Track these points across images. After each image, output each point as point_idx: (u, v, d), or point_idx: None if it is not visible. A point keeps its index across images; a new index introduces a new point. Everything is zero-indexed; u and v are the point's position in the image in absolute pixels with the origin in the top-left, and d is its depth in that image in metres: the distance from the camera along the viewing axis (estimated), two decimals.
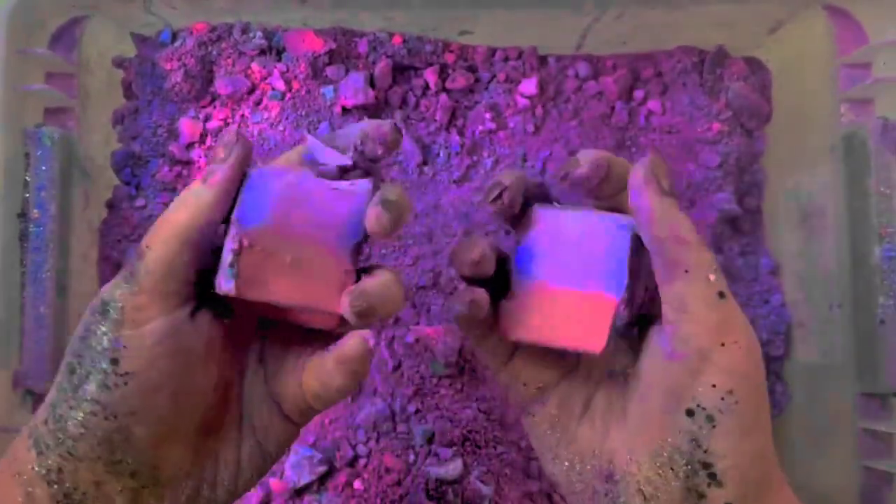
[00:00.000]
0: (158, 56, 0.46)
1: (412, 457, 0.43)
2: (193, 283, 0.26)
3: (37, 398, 0.40)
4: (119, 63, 0.46)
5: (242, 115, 0.46)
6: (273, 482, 0.43)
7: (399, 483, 0.42)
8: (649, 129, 0.47)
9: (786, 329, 0.46)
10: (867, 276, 0.40)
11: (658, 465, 0.25)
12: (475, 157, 0.47)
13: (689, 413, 0.25)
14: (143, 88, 0.46)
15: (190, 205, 0.25)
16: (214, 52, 0.46)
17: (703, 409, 0.25)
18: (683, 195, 0.48)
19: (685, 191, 0.48)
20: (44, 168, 0.41)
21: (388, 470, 0.42)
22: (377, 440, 0.43)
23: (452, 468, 0.42)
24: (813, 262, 0.45)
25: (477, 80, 0.47)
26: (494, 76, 0.47)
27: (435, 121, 0.46)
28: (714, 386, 0.25)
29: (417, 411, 0.43)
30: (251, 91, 0.46)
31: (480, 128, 0.46)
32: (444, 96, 0.46)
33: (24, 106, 0.41)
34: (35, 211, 0.41)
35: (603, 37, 0.47)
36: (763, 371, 0.26)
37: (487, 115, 0.46)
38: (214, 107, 0.46)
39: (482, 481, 0.42)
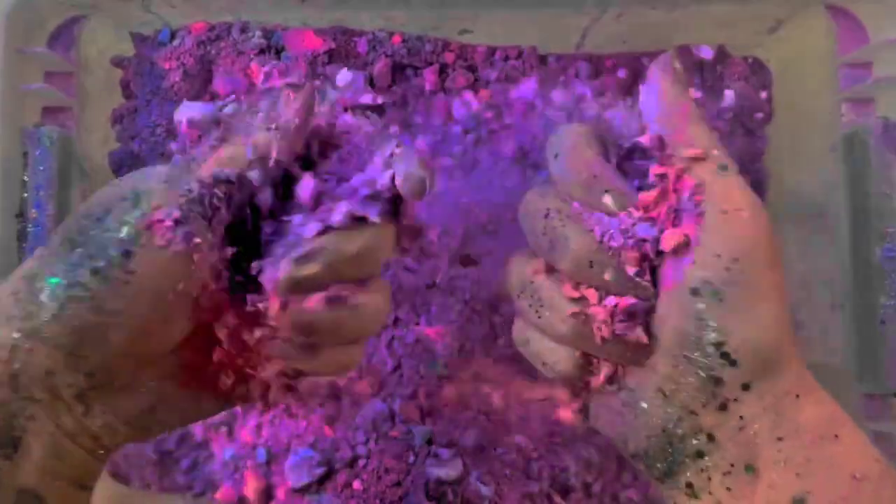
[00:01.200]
0: (157, 55, 0.45)
1: (412, 458, 0.43)
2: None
3: None
4: (118, 63, 0.46)
5: None
6: (274, 482, 0.43)
7: (399, 484, 0.42)
8: None
9: None
10: (868, 276, 0.40)
11: (672, 357, 0.24)
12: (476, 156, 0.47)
13: (694, 292, 0.24)
14: (141, 88, 0.46)
15: (256, 147, 0.25)
16: (213, 52, 0.46)
17: (709, 283, 0.23)
18: None
19: None
20: (42, 168, 0.41)
21: (387, 470, 0.42)
22: (376, 441, 0.43)
23: (452, 469, 0.42)
24: (814, 263, 0.44)
25: (476, 80, 0.47)
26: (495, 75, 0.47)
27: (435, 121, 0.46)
28: (718, 256, 0.23)
29: (417, 412, 0.43)
30: (250, 90, 0.46)
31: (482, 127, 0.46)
32: (441, 95, 0.46)
33: (22, 105, 0.41)
34: (33, 211, 0.40)
35: (603, 36, 0.47)
36: (771, 239, 0.24)
37: (488, 115, 0.46)
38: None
39: (482, 482, 0.42)
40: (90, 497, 0.25)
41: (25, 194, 0.41)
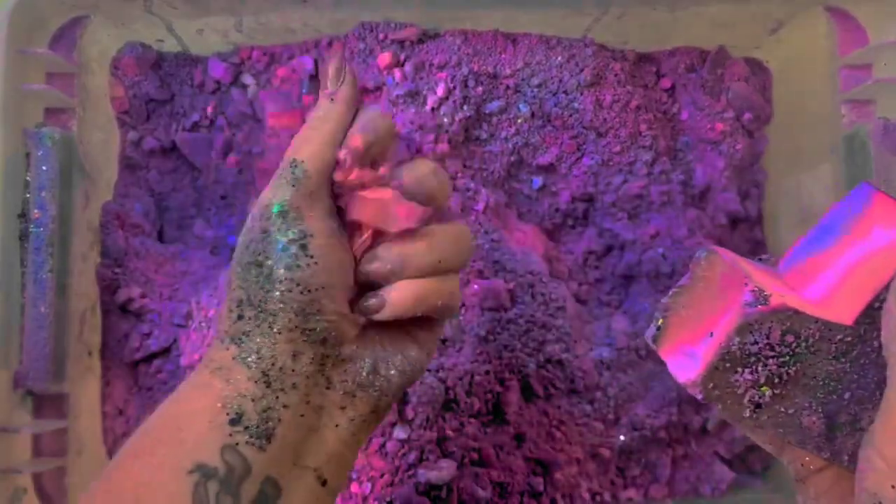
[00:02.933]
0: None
1: (411, 459, 0.43)
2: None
3: (37, 398, 0.40)
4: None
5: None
6: None
7: (392, 485, 0.42)
8: None
9: None
10: None
11: None
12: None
13: None
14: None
15: (329, 118, 0.30)
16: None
17: None
18: (693, 196, 0.48)
19: (694, 191, 0.48)
20: (44, 168, 0.41)
21: (382, 473, 0.42)
22: (374, 442, 0.43)
23: (446, 471, 0.42)
24: None
25: None
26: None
27: None
28: None
29: (416, 416, 0.43)
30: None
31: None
32: None
33: (24, 106, 0.41)
34: (35, 211, 0.40)
35: (604, 36, 0.47)
36: None
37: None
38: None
39: (479, 486, 0.42)
40: (332, 500, 0.29)
41: (28, 194, 0.41)
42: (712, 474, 0.46)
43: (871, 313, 0.27)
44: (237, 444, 0.26)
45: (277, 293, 0.27)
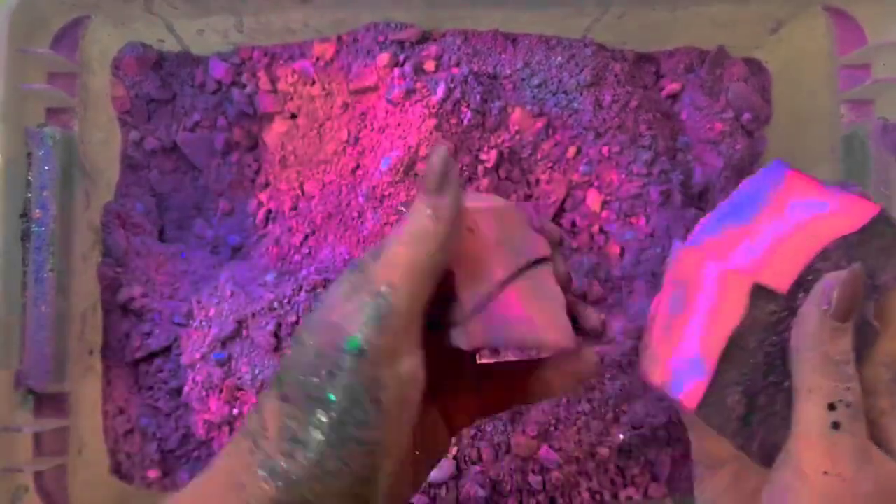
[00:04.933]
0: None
1: None
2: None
3: (38, 397, 0.41)
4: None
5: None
6: None
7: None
8: None
9: None
10: None
11: None
12: None
13: None
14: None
15: (428, 239, 0.24)
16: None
17: None
18: (693, 196, 0.48)
19: (693, 191, 0.48)
20: (46, 168, 0.41)
21: None
22: None
23: (446, 470, 0.42)
24: None
25: None
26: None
27: None
28: None
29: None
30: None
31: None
32: None
33: (25, 106, 0.41)
34: (37, 211, 0.41)
35: (604, 36, 0.47)
36: None
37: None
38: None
39: (479, 485, 0.42)
40: None
41: (29, 194, 0.41)
42: None
43: (806, 283, 0.26)
44: None
45: (344, 451, 0.23)
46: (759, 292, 0.26)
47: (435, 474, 0.42)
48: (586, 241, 0.49)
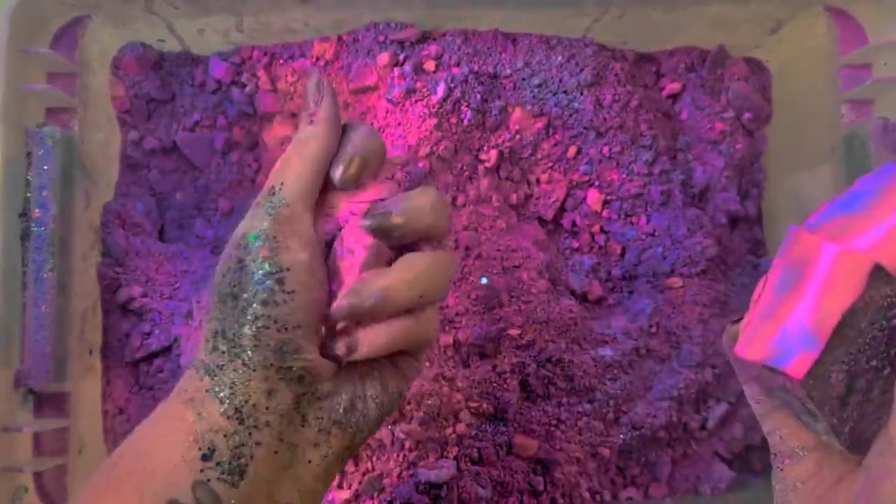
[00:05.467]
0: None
1: (411, 458, 0.43)
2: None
3: (38, 397, 0.41)
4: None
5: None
6: None
7: (394, 486, 0.42)
8: None
9: None
10: None
11: None
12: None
13: None
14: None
15: (310, 142, 0.29)
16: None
17: None
18: (693, 196, 0.48)
19: (694, 191, 0.48)
20: (45, 168, 0.41)
21: (381, 475, 0.42)
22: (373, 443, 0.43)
23: (446, 471, 0.42)
24: None
25: None
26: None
27: None
28: None
29: (416, 416, 0.43)
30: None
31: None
32: None
33: (25, 105, 0.41)
34: (36, 210, 0.41)
35: (604, 36, 0.47)
36: None
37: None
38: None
39: (479, 485, 0.42)
40: None
41: (28, 194, 0.41)
42: (712, 473, 0.46)
43: None
44: (209, 480, 0.25)
45: (252, 329, 0.26)
46: (879, 273, 0.26)
47: (435, 475, 0.42)
48: (587, 241, 0.49)
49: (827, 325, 0.26)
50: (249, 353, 0.26)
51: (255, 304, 0.26)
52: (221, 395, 0.26)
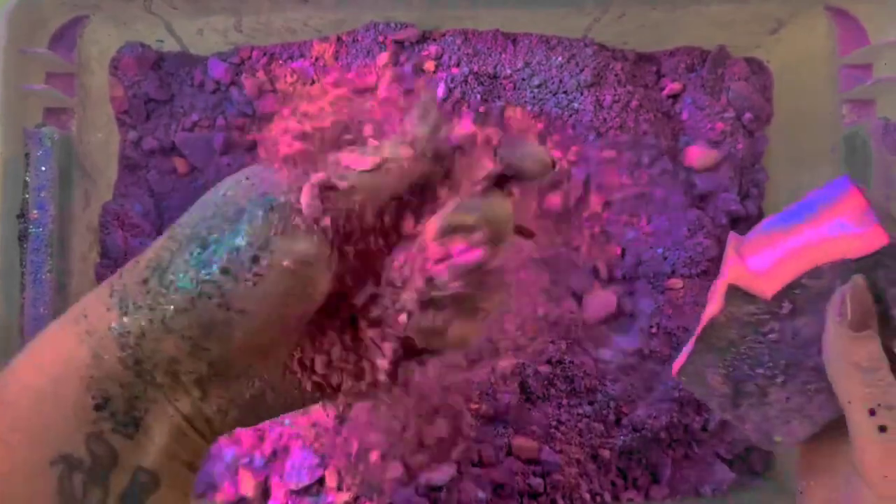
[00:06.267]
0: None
1: (409, 461, 0.43)
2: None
3: None
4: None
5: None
6: (272, 483, 0.43)
7: (393, 488, 0.42)
8: None
9: None
10: None
11: None
12: None
13: None
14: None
15: (395, 170, 0.25)
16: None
17: None
18: (694, 196, 0.48)
19: (695, 192, 0.48)
20: (44, 168, 0.41)
21: (382, 476, 0.42)
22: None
23: (446, 472, 0.42)
24: None
25: None
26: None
27: None
28: None
29: (415, 417, 0.43)
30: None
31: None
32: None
33: (24, 106, 0.41)
34: (35, 211, 0.40)
35: (604, 36, 0.47)
36: None
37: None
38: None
39: (480, 487, 0.42)
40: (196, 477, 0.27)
41: (27, 195, 0.41)
42: (713, 475, 0.46)
43: (791, 295, 0.28)
44: (102, 432, 0.23)
45: (195, 292, 0.23)
46: (735, 293, 0.28)
47: (435, 476, 0.42)
48: (587, 242, 0.49)
49: (697, 332, 0.30)
50: (175, 312, 0.23)
51: (216, 266, 0.23)
52: (126, 340, 0.23)
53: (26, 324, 0.40)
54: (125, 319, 0.23)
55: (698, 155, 0.48)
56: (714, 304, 0.29)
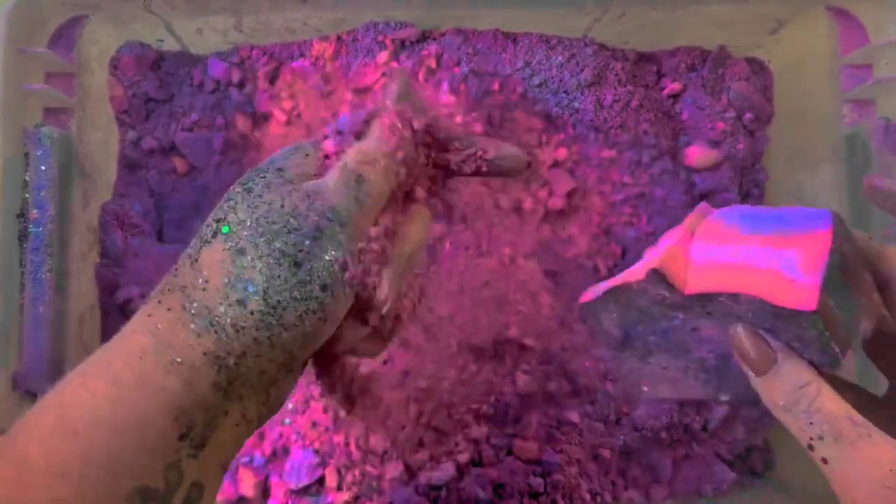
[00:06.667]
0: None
1: (409, 460, 0.43)
2: None
3: (35, 399, 0.40)
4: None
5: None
6: (272, 482, 0.43)
7: (393, 488, 0.42)
8: None
9: None
10: None
11: None
12: None
13: None
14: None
15: (402, 143, 0.28)
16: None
17: None
18: (694, 196, 0.48)
19: (695, 191, 0.48)
20: (43, 168, 0.41)
21: (380, 476, 0.42)
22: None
23: (446, 471, 0.42)
24: None
25: None
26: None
27: None
28: None
29: (416, 418, 0.43)
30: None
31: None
32: None
33: (23, 105, 0.41)
34: (34, 211, 0.40)
35: (605, 36, 0.47)
36: None
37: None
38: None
39: (480, 487, 0.42)
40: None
41: (26, 194, 0.40)
42: (713, 475, 0.46)
43: (706, 302, 0.28)
44: (180, 460, 0.23)
45: (303, 309, 0.24)
46: (656, 275, 0.29)
47: (436, 476, 0.42)
48: (587, 242, 0.49)
49: (612, 282, 0.32)
50: (284, 330, 0.24)
51: (315, 284, 0.24)
52: (225, 361, 0.23)
53: (26, 323, 0.40)
54: (225, 342, 0.23)
55: (698, 155, 0.48)
56: (637, 274, 0.30)
